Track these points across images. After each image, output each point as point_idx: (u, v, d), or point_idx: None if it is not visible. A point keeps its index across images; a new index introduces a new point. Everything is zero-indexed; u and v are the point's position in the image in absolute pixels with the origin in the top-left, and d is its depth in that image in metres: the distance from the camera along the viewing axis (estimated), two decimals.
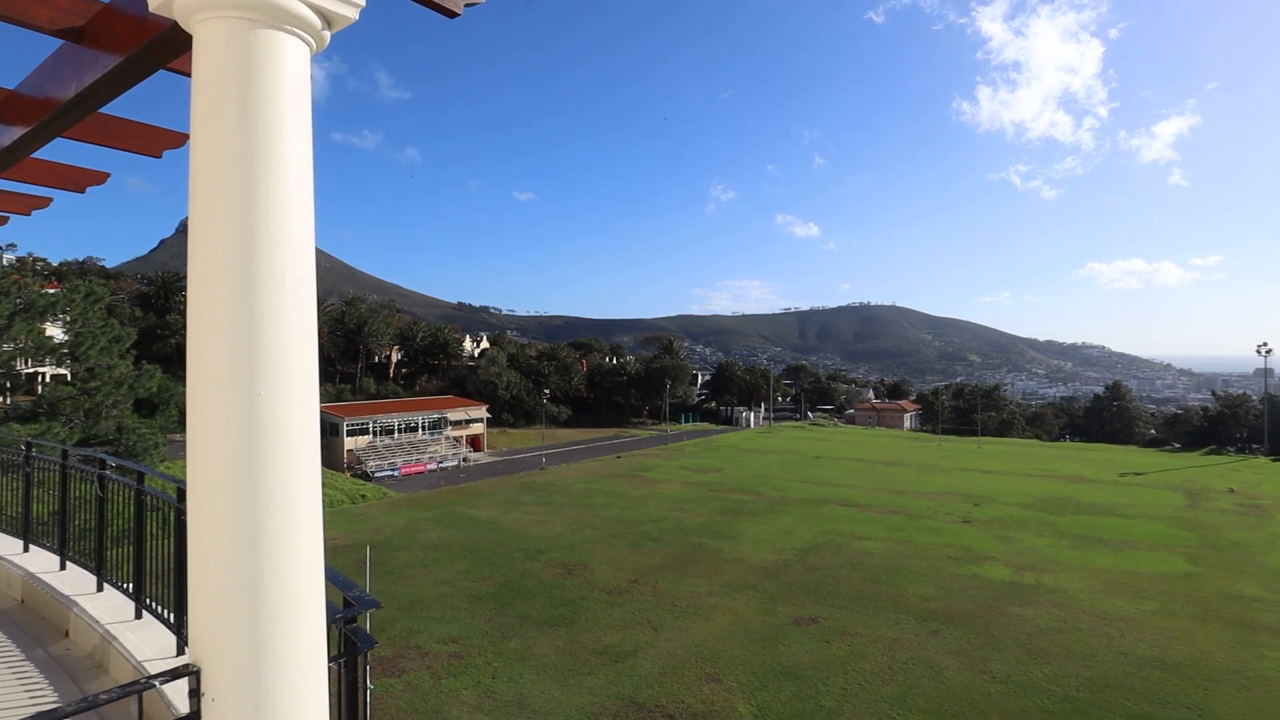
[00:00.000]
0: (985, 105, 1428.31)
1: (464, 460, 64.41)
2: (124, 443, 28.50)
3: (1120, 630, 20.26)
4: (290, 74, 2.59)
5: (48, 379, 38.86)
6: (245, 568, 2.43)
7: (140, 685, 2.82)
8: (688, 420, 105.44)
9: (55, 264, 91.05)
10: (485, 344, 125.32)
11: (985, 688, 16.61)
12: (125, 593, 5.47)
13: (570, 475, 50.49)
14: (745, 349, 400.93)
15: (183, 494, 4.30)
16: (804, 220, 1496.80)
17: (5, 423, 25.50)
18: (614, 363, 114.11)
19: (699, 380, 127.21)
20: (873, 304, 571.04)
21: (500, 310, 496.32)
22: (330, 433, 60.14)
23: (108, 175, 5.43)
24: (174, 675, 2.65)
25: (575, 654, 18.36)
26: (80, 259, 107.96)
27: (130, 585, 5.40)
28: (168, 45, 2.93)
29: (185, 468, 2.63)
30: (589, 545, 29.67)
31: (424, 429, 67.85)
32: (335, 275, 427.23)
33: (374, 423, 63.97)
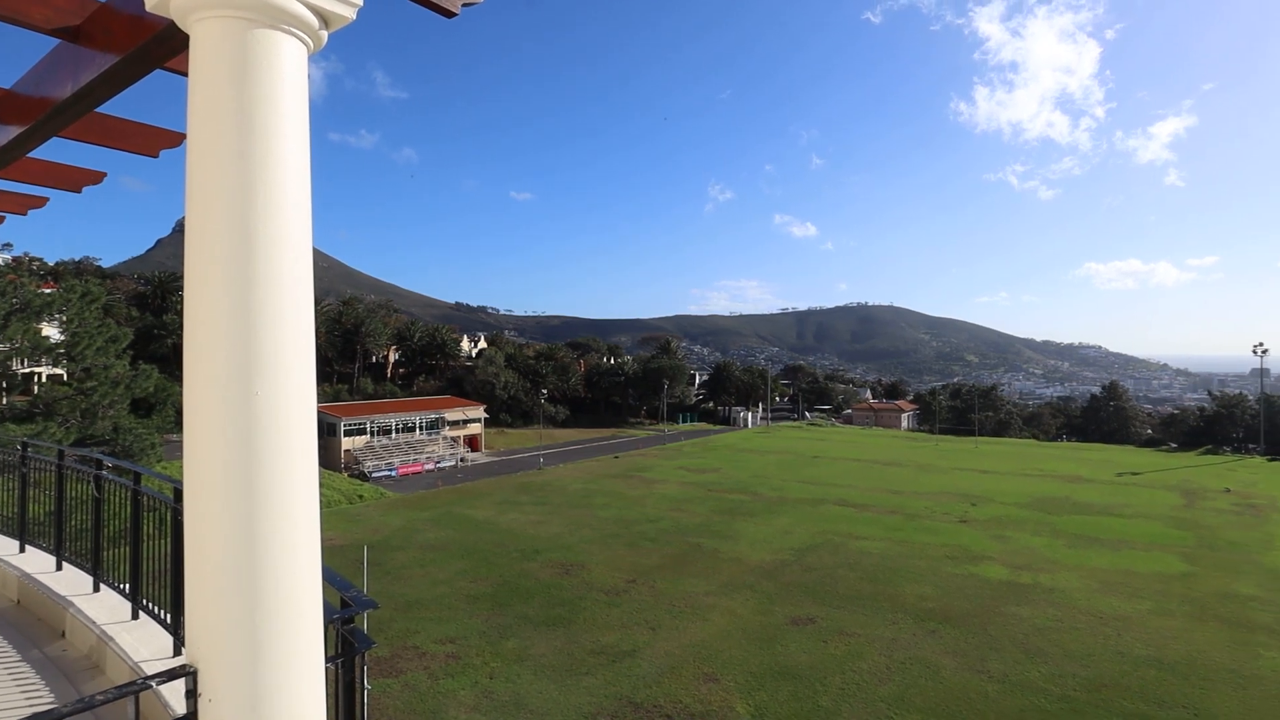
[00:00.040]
0: (982, 106, 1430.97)
1: (461, 460, 64.36)
2: (120, 443, 28.45)
3: (1117, 630, 20.32)
4: (287, 73, 2.59)
5: (44, 379, 38.81)
6: (242, 568, 2.42)
7: (137, 686, 2.82)
8: (685, 420, 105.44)
9: (51, 264, 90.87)
10: (483, 344, 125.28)
11: (982, 687, 16.65)
12: (122, 593, 5.46)
13: (568, 475, 50.49)
14: (743, 349, 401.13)
15: (179, 494, 4.30)
16: (801, 220, 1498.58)
17: (1, 423, 25.44)
18: (612, 363, 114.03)
19: (697, 380, 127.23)
20: (870, 304, 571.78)
21: (498, 310, 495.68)
22: (327, 433, 60.04)
23: (104, 175, 5.41)
24: (171, 676, 2.65)
25: (573, 654, 18.36)
26: (77, 259, 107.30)
27: (127, 586, 5.39)
28: (164, 45, 2.93)
29: (182, 468, 2.62)
30: (587, 545, 29.68)
31: (421, 429, 67.78)
32: (332, 275, 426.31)
33: (371, 423, 63.89)
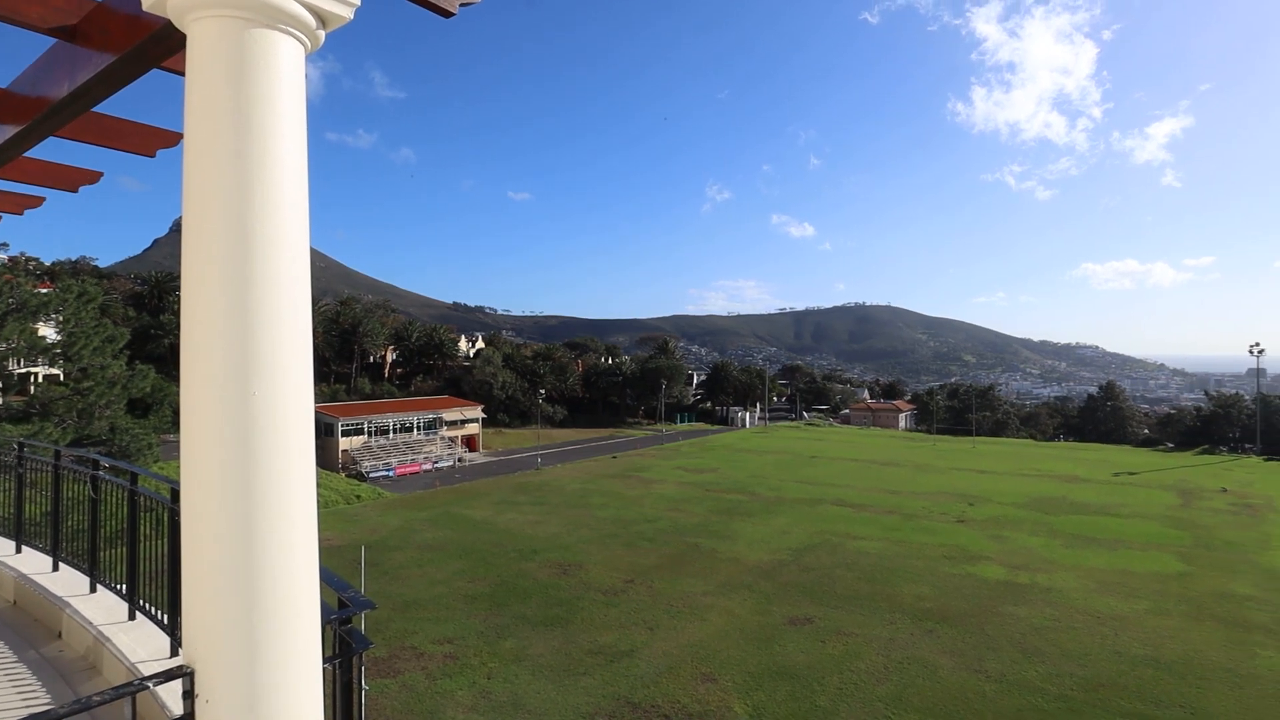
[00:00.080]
0: (980, 106, 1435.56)
1: (459, 460, 64.30)
2: (117, 443, 28.41)
3: (1114, 629, 20.36)
4: (285, 73, 2.58)
5: (40, 379, 38.65)
6: (239, 568, 2.42)
7: (134, 687, 2.81)
8: (683, 420, 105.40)
9: (48, 263, 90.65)
10: (480, 344, 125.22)
11: (980, 687, 16.67)
12: (119, 594, 5.44)
13: (566, 475, 50.46)
14: (741, 349, 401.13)
15: (176, 494, 4.28)
16: (799, 221, 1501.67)
17: None
18: (609, 363, 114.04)
19: (694, 380, 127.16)
20: (868, 304, 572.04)
21: (495, 310, 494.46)
22: (325, 433, 59.96)
23: (101, 174, 5.40)
24: (168, 677, 2.65)
25: (571, 654, 18.34)
26: (73, 258, 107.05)
27: (124, 586, 5.38)
28: (161, 44, 2.92)
29: (179, 468, 2.62)
30: (584, 545, 29.66)
31: (419, 429, 67.70)
32: (330, 275, 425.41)
33: (369, 423, 63.80)
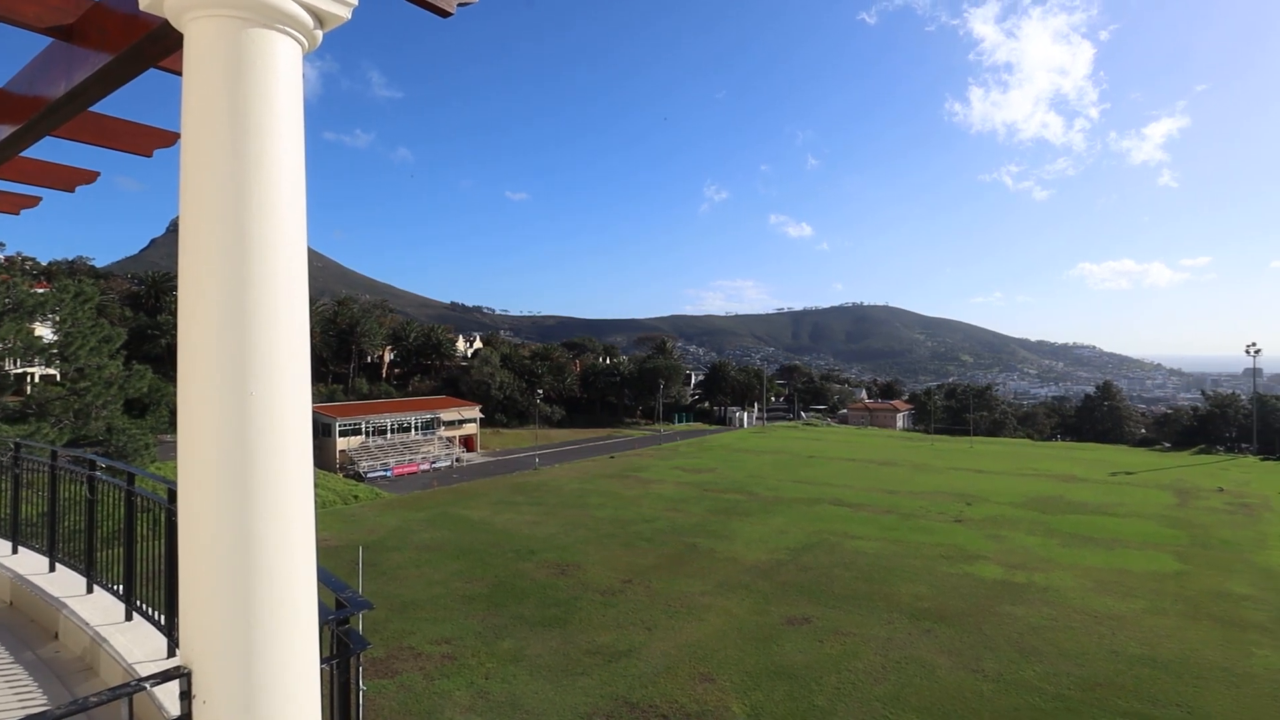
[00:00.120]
0: (977, 106, 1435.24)
1: (457, 461, 64.25)
2: (114, 443, 28.37)
3: (1111, 628, 20.40)
4: (282, 73, 2.58)
5: (37, 379, 38.53)
6: (237, 569, 2.41)
7: (131, 688, 2.80)
8: (681, 420, 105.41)
9: (44, 263, 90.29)
10: (478, 344, 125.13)
11: (977, 686, 16.70)
12: (115, 594, 5.43)
13: (563, 475, 50.45)
14: (739, 349, 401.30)
15: (173, 495, 4.28)
16: (797, 221, 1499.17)
17: None
18: (607, 363, 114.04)
19: (692, 380, 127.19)
20: (865, 304, 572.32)
21: (493, 310, 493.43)
22: (322, 433, 59.84)
23: (98, 174, 5.39)
24: (165, 677, 2.64)
25: (569, 654, 18.34)
26: (70, 258, 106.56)
27: (120, 587, 5.36)
28: (158, 44, 2.92)
29: (176, 468, 2.61)
30: (582, 545, 29.66)
31: (417, 429, 67.63)
32: (327, 275, 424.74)
33: (367, 423, 63.72)
